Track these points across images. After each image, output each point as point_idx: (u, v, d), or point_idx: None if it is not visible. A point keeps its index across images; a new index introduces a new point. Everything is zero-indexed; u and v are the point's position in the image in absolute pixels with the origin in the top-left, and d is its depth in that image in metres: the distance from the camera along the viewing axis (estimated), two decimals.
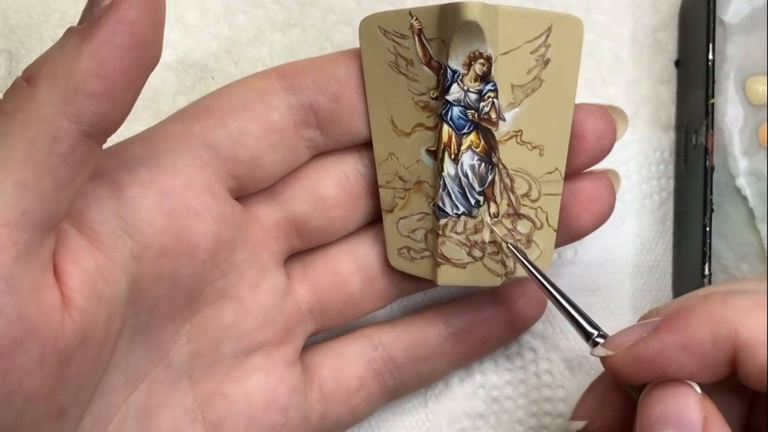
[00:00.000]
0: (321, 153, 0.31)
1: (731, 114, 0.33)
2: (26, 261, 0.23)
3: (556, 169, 0.30)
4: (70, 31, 0.24)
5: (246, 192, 0.30)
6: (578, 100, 0.35)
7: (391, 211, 0.31)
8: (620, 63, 0.36)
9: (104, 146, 0.28)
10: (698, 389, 0.25)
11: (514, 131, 0.30)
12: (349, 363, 0.32)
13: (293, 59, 0.32)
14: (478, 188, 0.30)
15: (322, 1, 0.35)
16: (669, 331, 0.25)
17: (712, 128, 0.33)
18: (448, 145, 0.29)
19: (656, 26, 0.36)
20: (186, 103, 0.31)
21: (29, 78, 0.24)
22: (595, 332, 0.27)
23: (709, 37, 0.33)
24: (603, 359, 0.26)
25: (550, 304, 0.35)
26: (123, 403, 0.28)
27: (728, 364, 0.24)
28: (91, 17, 0.24)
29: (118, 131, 0.33)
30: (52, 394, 0.24)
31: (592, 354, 0.27)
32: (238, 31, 0.35)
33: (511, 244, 0.30)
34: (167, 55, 0.34)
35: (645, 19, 0.36)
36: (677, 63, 0.36)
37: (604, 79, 0.36)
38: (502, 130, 0.29)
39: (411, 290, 0.33)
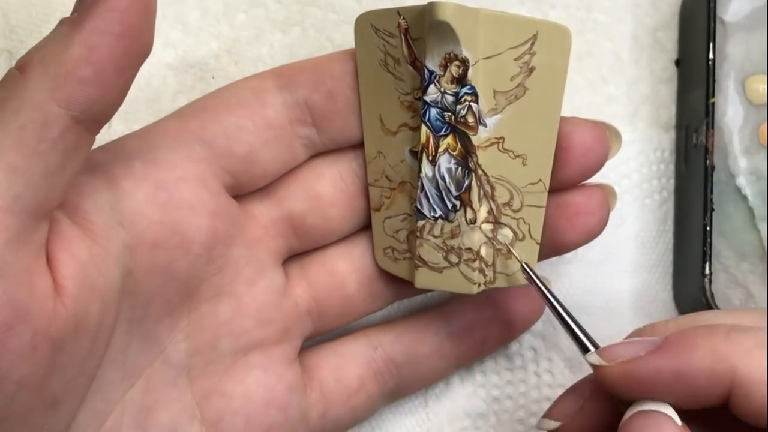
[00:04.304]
0: (318, 154, 0.31)
1: (731, 113, 0.33)
2: (18, 246, 0.23)
3: (540, 180, 0.29)
4: (61, 21, 0.24)
5: (243, 190, 0.30)
6: (579, 100, 0.35)
7: (378, 210, 0.31)
8: (621, 62, 0.36)
9: (101, 144, 0.28)
10: (678, 422, 0.25)
11: (496, 138, 0.29)
12: (349, 363, 0.32)
13: (293, 59, 0.32)
14: (454, 192, 0.29)
15: (323, 0, 0.35)
16: (668, 356, 0.25)
17: (713, 127, 0.33)
18: (426, 147, 0.29)
19: (657, 25, 0.36)
20: (186, 103, 0.31)
21: (21, 67, 0.24)
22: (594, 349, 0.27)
23: (710, 36, 0.33)
24: (595, 368, 0.26)
25: None
26: (120, 399, 0.28)
27: (720, 397, 0.24)
28: (82, 7, 0.24)
29: (118, 130, 0.33)
30: (44, 382, 0.24)
31: (585, 359, 0.27)
32: (238, 30, 0.35)
33: (523, 262, 0.29)
34: (167, 54, 0.34)
35: (645, 19, 0.36)
36: (677, 62, 0.36)
37: (604, 79, 0.36)
38: (482, 136, 0.29)
39: (407, 293, 0.33)
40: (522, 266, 0.29)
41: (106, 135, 0.27)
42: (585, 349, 0.27)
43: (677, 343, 0.25)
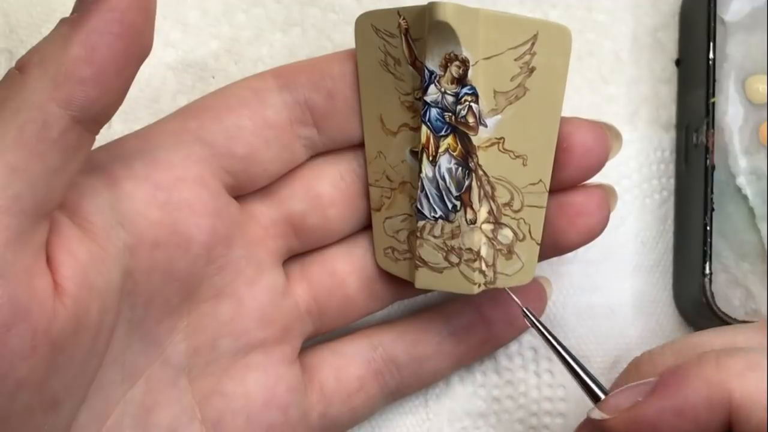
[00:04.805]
0: (319, 154, 0.31)
1: (731, 113, 0.33)
2: (17, 246, 0.23)
3: (540, 180, 0.29)
4: (61, 21, 0.24)
5: (243, 190, 0.30)
6: (579, 100, 0.35)
7: (379, 210, 0.31)
8: (621, 62, 0.36)
9: (101, 144, 0.28)
10: None
11: (496, 138, 0.29)
12: (349, 363, 0.32)
13: (293, 59, 0.32)
14: (455, 192, 0.29)
15: (323, 0, 0.35)
16: (664, 396, 0.25)
17: (713, 127, 0.33)
18: (426, 147, 0.29)
19: (657, 25, 0.36)
20: (186, 103, 0.31)
21: (21, 67, 0.24)
22: (603, 396, 0.27)
23: (710, 36, 0.33)
24: (600, 422, 0.27)
25: (550, 303, 0.35)
26: (120, 399, 0.28)
27: (723, 425, 0.25)
28: (82, 7, 0.24)
29: (117, 130, 0.33)
30: (44, 382, 0.24)
31: (589, 416, 0.27)
32: (238, 30, 0.35)
33: (524, 308, 0.30)
34: (167, 54, 0.34)
35: (645, 19, 0.36)
36: (678, 62, 0.36)
37: (604, 79, 0.36)
38: (483, 136, 0.29)
39: (408, 294, 0.33)
40: (523, 310, 0.30)
41: (106, 135, 0.27)
42: (595, 398, 0.28)
43: (671, 381, 0.25)
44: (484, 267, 0.30)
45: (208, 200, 0.29)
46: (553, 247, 0.30)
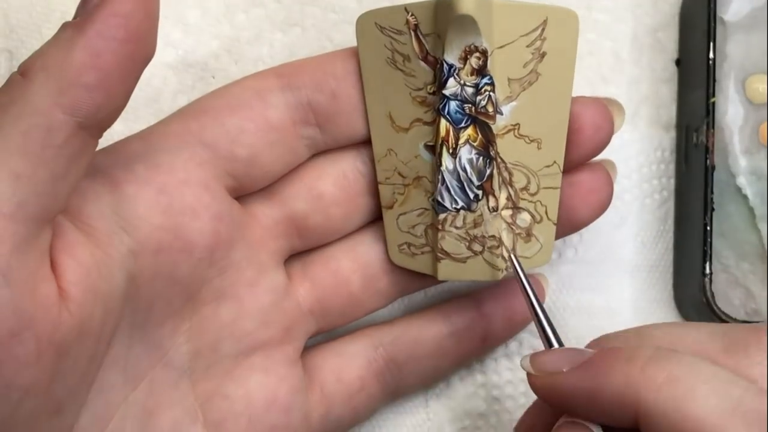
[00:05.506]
0: (320, 152, 0.31)
1: (732, 113, 0.33)
2: (22, 253, 0.23)
3: (555, 162, 0.30)
4: (64, 26, 0.24)
5: (245, 191, 0.30)
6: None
7: (391, 207, 0.31)
8: (621, 62, 0.36)
9: (103, 145, 0.28)
10: None
11: (512, 125, 0.30)
12: (350, 363, 0.32)
13: (293, 58, 0.32)
14: (476, 182, 0.30)
15: (323, 0, 0.35)
16: (585, 376, 0.25)
17: (713, 127, 0.33)
18: (446, 140, 0.30)
19: (657, 25, 0.36)
20: (186, 103, 0.31)
21: (24, 71, 0.24)
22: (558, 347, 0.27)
23: (710, 36, 0.33)
24: (527, 374, 0.26)
25: (550, 303, 0.35)
26: (122, 402, 0.28)
27: (633, 422, 0.24)
28: (84, 11, 0.24)
29: (119, 130, 0.33)
30: (49, 388, 0.24)
31: (520, 362, 0.27)
32: (238, 30, 0.35)
33: (509, 251, 0.30)
34: (168, 54, 0.34)
35: (646, 18, 0.36)
36: (678, 62, 0.36)
37: (604, 78, 0.36)
38: (499, 124, 0.29)
39: (412, 288, 0.33)
40: (510, 256, 0.30)
41: (106, 135, 0.27)
42: (550, 345, 0.28)
43: (596, 364, 0.25)
44: (505, 252, 0.30)
45: (211, 203, 0.29)
46: (567, 225, 0.31)
